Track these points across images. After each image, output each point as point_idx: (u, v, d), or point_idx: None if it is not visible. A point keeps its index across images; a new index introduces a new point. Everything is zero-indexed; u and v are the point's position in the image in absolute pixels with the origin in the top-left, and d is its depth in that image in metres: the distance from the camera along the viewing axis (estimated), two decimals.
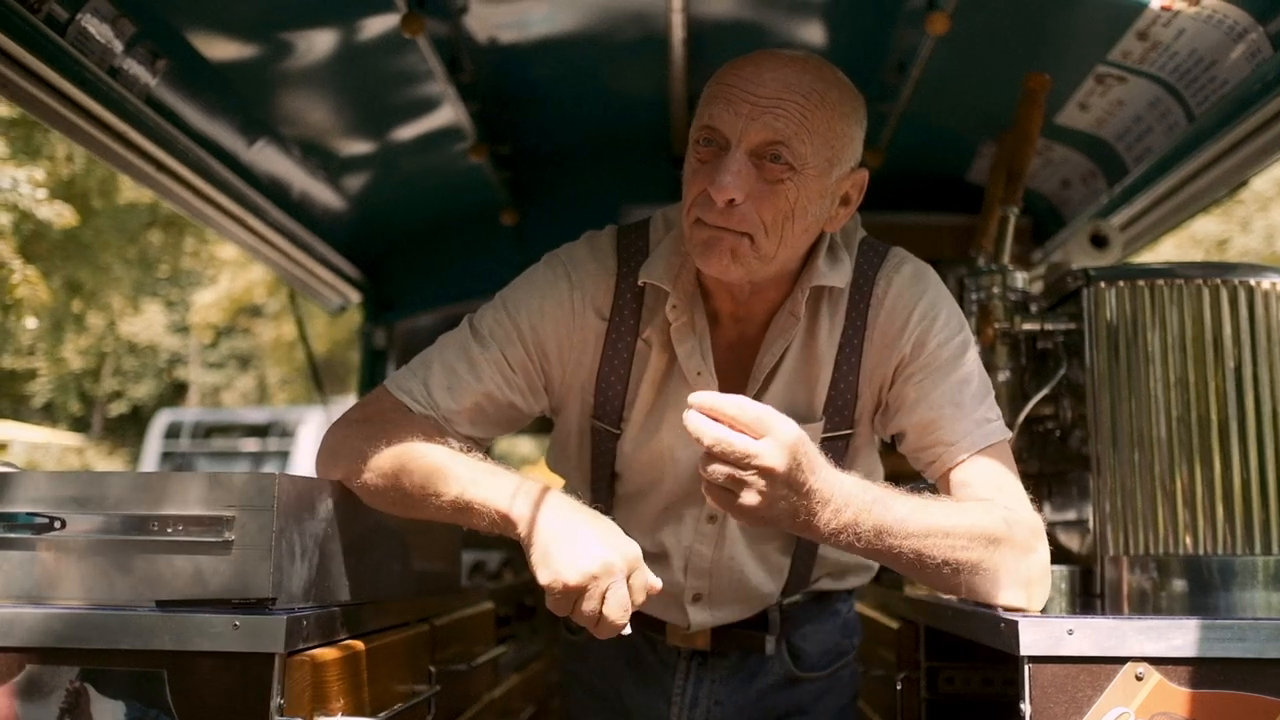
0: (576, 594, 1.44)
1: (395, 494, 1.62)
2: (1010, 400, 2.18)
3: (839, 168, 1.64)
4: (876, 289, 1.76)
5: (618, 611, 1.45)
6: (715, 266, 1.63)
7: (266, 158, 3.07)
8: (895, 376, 1.75)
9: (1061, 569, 1.99)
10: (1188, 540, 1.87)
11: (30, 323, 10.86)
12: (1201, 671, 1.37)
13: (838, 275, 1.74)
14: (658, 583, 1.50)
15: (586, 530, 1.47)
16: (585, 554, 1.44)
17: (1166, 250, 15.33)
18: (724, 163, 1.58)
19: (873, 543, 1.49)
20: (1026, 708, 1.39)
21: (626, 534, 1.90)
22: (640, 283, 1.77)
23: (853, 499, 1.48)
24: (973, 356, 1.75)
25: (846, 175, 1.67)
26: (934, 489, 1.67)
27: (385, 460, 1.62)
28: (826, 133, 1.59)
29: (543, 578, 1.46)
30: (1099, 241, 2.82)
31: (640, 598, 1.48)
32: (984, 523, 1.56)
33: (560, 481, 1.96)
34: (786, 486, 1.42)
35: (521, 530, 1.50)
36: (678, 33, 2.80)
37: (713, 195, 1.57)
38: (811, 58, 1.65)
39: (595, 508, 1.91)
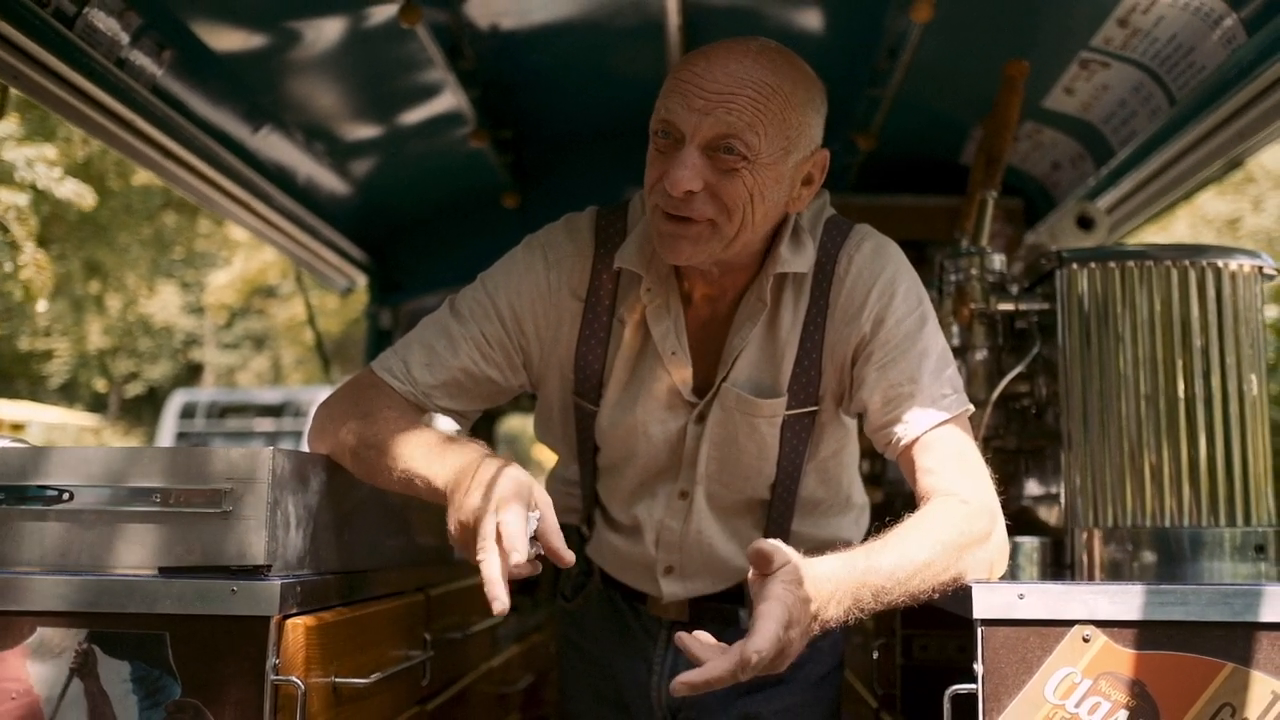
0: (469, 539, 1.48)
1: (364, 466, 1.71)
2: (987, 378, 2.24)
3: (795, 154, 1.69)
4: (838, 267, 1.81)
5: (515, 536, 1.44)
6: (678, 256, 1.70)
7: (272, 144, 3.15)
8: (856, 355, 1.80)
9: (1033, 540, 2.05)
10: (1155, 513, 1.93)
11: (40, 306, 10.95)
12: (1146, 633, 1.44)
13: (800, 261, 1.80)
14: (519, 541, 1.45)
15: (485, 474, 1.51)
16: (478, 489, 1.49)
17: (1180, 229, 15.32)
18: (679, 157, 1.64)
19: (875, 605, 1.52)
20: (979, 668, 1.46)
21: (606, 506, 1.99)
22: (615, 267, 1.84)
23: (843, 583, 1.49)
24: (931, 329, 1.79)
25: (806, 158, 1.72)
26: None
27: (359, 434, 1.71)
28: (780, 123, 1.64)
29: (449, 520, 1.53)
30: (1085, 223, 2.88)
31: (514, 537, 1.44)
32: (950, 535, 1.58)
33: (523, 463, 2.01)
34: (798, 633, 1.43)
35: (446, 491, 1.55)
36: (673, 19, 2.86)
37: (669, 190, 1.64)
38: (767, 48, 1.68)
39: (581, 479, 2.00)
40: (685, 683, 1.38)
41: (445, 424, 1.97)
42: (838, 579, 1.49)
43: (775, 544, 1.46)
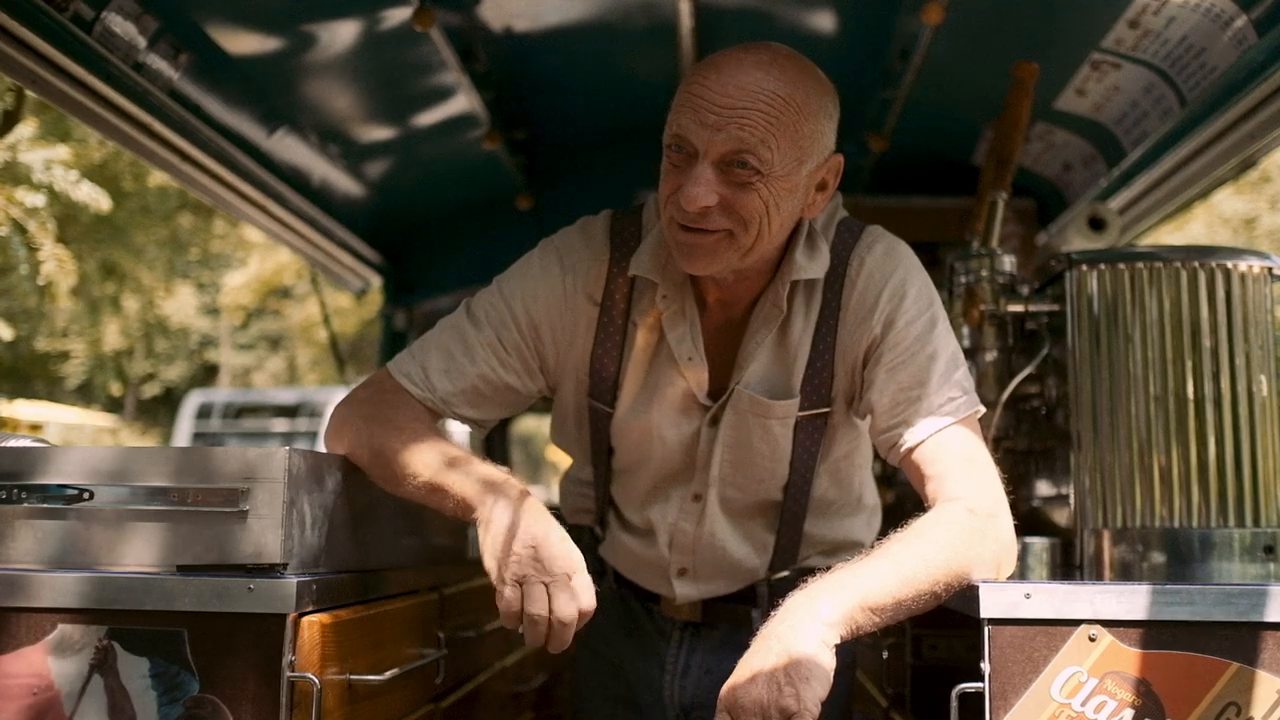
0: (520, 582, 1.54)
1: (384, 472, 1.73)
2: (998, 379, 2.26)
3: (809, 163, 1.70)
4: (850, 269, 1.83)
5: (567, 611, 1.54)
6: (695, 267, 1.72)
7: (287, 147, 3.18)
8: (867, 357, 1.81)
9: (1043, 541, 2.06)
10: (1164, 514, 1.94)
11: (64, 304, 11.03)
12: (1151, 633, 1.45)
13: (815, 267, 1.81)
14: (591, 598, 1.58)
15: (538, 531, 1.56)
16: (532, 549, 1.54)
17: (1196, 229, 15.29)
18: (692, 173, 1.65)
19: (883, 604, 1.54)
20: (986, 667, 1.47)
21: (620, 508, 2.01)
22: (630, 274, 1.86)
23: (832, 581, 1.54)
24: (941, 331, 1.80)
25: (820, 165, 1.73)
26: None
27: (378, 440, 1.73)
28: (793, 135, 1.65)
29: (489, 564, 1.57)
30: (1097, 224, 2.89)
31: (587, 598, 1.56)
32: (953, 538, 1.60)
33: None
34: (764, 688, 1.45)
35: (480, 515, 1.60)
36: (686, 21, 2.88)
37: (684, 205, 1.65)
38: (779, 57, 1.68)
39: (595, 481, 2.02)
40: None
41: (457, 428, 1.99)
42: (825, 579, 1.54)
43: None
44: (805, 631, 1.48)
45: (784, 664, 1.45)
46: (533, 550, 1.55)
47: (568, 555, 1.57)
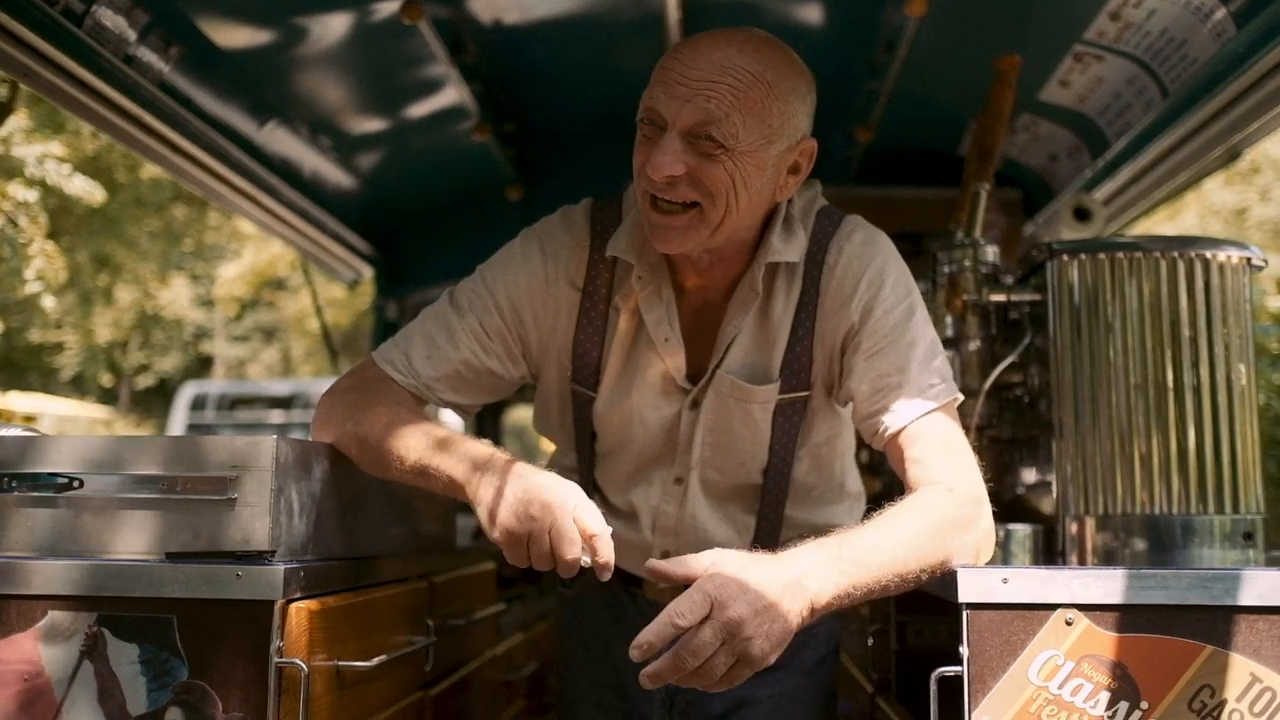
0: (524, 539, 1.54)
1: (371, 457, 1.75)
2: (980, 368, 2.27)
3: (779, 143, 1.72)
4: (829, 257, 1.85)
5: (565, 546, 1.53)
6: (668, 246, 1.75)
7: (277, 139, 3.19)
8: (845, 344, 1.84)
9: (1025, 528, 2.08)
10: (1145, 501, 1.96)
11: (48, 301, 11.02)
12: (1126, 617, 1.47)
13: (791, 250, 1.84)
14: (600, 523, 1.56)
15: (524, 481, 1.57)
16: (523, 500, 1.55)
17: (1188, 219, 15.33)
18: (660, 143, 1.68)
19: (867, 585, 1.55)
20: (965, 651, 1.49)
21: (604, 492, 2.03)
22: (608, 255, 1.88)
23: (822, 559, 1.54)
24: (920, 320, 1.82)
25: (792, 147, 1.75)
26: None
27: (364, 426, 1.75)
28: (761, 112, 1.68)
29: (491, 533, 1.58)
30: (1082, 214, 2.90)
31: (593, 523, 1.54)
32: (935, 520, 1.62)
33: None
34: (748, 610, 1.45)
35: (469, 491, 1.62)
36: (673, 13, 2.89)
37: (650, 174, 1.69)
38: (754, 37, 1.72)
39: (579, 466, 2.04)
40: (638, 646, 1.47)
41: (449, 417, 2.01)
42: (814, 554, 1.54)
43: (682, 559, 1.52)
44: (795, 605, 1.49)
45: (766, 619, 1.46)
46: (526, 504, 1.55)
47: (562, 497, 1.55)
